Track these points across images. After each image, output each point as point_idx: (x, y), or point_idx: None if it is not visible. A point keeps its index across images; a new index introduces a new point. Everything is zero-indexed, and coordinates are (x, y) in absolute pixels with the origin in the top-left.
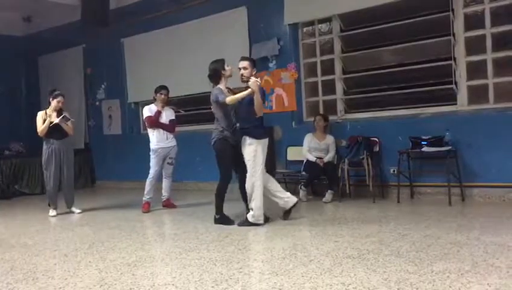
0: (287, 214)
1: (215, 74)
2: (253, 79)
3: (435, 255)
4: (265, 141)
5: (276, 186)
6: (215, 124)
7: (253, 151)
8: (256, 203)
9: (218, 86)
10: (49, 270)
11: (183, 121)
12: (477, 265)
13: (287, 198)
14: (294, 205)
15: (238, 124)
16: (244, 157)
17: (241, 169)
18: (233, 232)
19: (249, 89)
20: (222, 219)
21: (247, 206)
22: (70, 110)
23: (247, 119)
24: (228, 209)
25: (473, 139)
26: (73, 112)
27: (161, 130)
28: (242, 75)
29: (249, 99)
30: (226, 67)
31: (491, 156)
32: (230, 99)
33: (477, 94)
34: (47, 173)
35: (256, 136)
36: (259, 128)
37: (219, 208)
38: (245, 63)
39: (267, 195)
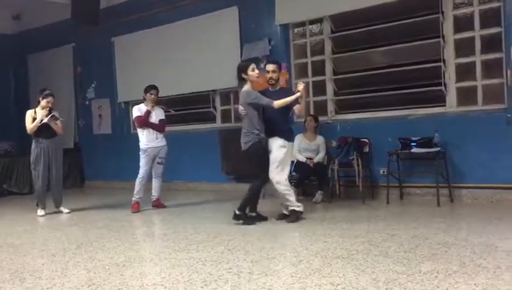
0: (283, 217)
1: (238, 74)
2: (302, 84)
3: (423, 255)
4: (293, 143)
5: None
6: (248, 127)
7: (285, 153)
8: (291, 195)
9: (247, 87)
10: (36, 270)
11: (173, 121)
12: (464, 265)
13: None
14: (298, 214)
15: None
16: (272, 158)
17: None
18: (223, 232)
19: (298, 93)
20: (244, 217)
21: (250, 208)
22: (60, 110)
23: (281, 122)
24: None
25: (461, 140)
26: (62, 111)
27: (151, 130)
28: (271, 78)
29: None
30: (250, 72)
31: (480, 157)
32: (279, 103)
33: (466, 96)
34: (35, 173)
35: (289, 139)
36: (291, 130)
37: (245, 206)
38: (273, 67)
39: (275, 193)
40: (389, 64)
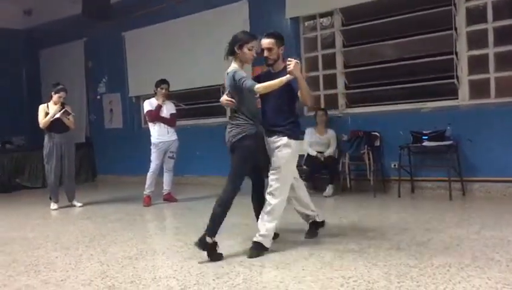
0: (316, 227)
1: (230, 45)
2: (293, 61)
3: (435, 249)
4: (301, 142)
5: (306, 195)
6: (239, 117)
7: (289, 155)
8: (274, 222)
9: (234, 66)
10: (50, 263)
11: (184, 115)
12: (477, 259)
13: (316, 212)
14: (323, 223)
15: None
16: (273, 163)
17: (258, 174)
18: (234, 226)
19: (288, 75)
20: (211, 247)
21: (217, 221)
22: (72, 104)
23: (283, 114)
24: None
25: (474, 133)
26: (74, 105)
27: (162, 124)
28: (267, 58)
29: (287, 88)
30: (246, 50)
31: (492, 150)
32: (263, 87)
33: (479, 88)
34: (48, 167)
35: (295, 136)
36: (297, 125)
37: (215, 230)
38: (269, 42)
39: (295, 206)
40: (400, 57)
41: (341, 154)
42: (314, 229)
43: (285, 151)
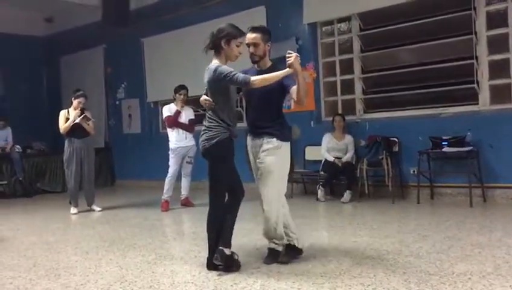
0: (292, 251)
1: (214, 38)
2: (293, 54)
3: (456, 256)
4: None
5: (285, 214)
6: (211, 119)
7: (282, 158)
8: (281, 226)
9: (216, 62)
10: (70, 267)
11: (202, 121)
12: (499, 267)
13: (296, 235)
14: (301, 251)
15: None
16: (264, 168)
17: (238, 184)
18: (251, 231)
19: (287, 68)
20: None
21: (213, 241)
22: (91, 110)
23: (271, 114)
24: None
25: (495, 139)
26: (94, 111)
27: (180, 130)
28: (252, 54)
29: (278, 85)
30: (234, 45)
31: None
32: (260, 79)
33: (500, 94)
34: (68, 172)
35: (285, 138)
36: (286, 126)
37: (229, 243)
38: (254, 37)
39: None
40: (419, 62)
41: (359, 160)
42: (290, 252)
43: (275, 155)
